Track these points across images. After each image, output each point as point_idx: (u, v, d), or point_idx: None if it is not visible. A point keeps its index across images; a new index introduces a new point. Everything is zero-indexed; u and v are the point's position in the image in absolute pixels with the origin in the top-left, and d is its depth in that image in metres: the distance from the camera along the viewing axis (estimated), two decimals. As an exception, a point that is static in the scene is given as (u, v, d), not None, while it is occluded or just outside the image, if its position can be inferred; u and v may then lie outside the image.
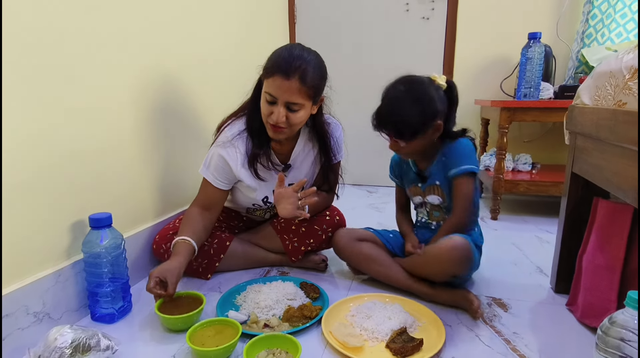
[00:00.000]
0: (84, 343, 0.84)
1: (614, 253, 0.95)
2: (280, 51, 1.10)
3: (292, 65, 1.05)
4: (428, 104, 1.07)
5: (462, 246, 1.03)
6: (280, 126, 1.10)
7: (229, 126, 1.20)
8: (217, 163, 1.18)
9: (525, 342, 0.95)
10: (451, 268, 1.05)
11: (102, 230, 1.01)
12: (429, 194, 1.22)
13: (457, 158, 1.12)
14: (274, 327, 0.98)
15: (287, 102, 1.07)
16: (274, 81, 1.06)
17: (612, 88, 0.89)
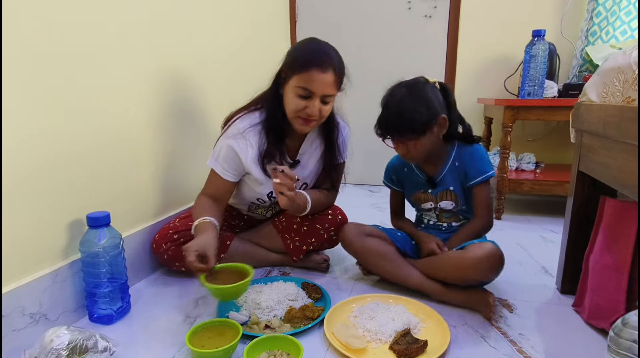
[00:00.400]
0: (80, 345, 0.82)
1: (621, 253, 0.93)
2: (307, 46, 1.13)
3: (327, 58, 1.09)
4: (430, 100, 1.09)
5: (496, 253, 1.04)
6: (314, 119, 1.12)
7: (239, 118, 1.18)
8: (226, 153, 1.16)
9: (532, 343, 0.93)
10: (484, 275, 1.05)
11: (100, 229, 0.99)
12: (442, 200, 1.21)
13: (477, 166, 1.14)
14: (275, 328, 0.96)
15: (324, 95, 1.10)
16: (311, 75, 1.07)
17: (621, 84, 0.87)
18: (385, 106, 1.13)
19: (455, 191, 1.18)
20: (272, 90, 1.18)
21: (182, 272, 1.26)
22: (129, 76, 1.15)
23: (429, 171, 1.21)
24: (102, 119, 1.07)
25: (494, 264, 1.04)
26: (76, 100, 0.99)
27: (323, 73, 1.07)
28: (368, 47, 2.37)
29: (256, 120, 1.18)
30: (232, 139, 1.15)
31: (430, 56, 2.30)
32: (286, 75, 1.13)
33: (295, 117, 1.14)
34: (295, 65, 1.10)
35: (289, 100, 1.12)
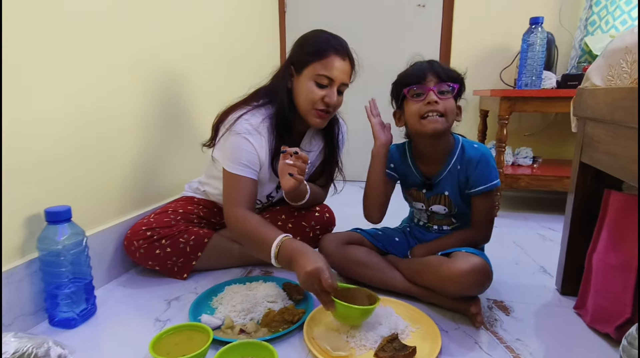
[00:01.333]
0: (29, 353, 0.74)
1: (628, 250, 0.85)
2: (322, 35, 1.10)
3: (344, 46, 1.09)
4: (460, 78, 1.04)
5: (482, 268, 0.92)
6: (330, 110, 1.09)
7: (248, 114, 1.09)
8: (247, 150, 1.07)
9: (530, 349, 0.86)
10: (468, 290, 0.94)
11: (60, 225, 0.90)
12: (434, 204, 1.12)
13: (482, 173, 1.03)
14: (250, 332, 0.88)
15: (341, 84, 1.09)
16: (331, 62, 1.05)
17: (629, 65, 0.79)
18: (419, 62, 1.04)
19: (450, 197, 1.09)
20: (281, 84, 1.11)
21: (156, 272, 1.17)
22: (100, 63, 1.06)
23: (427, 170, 1.11)
24: (64, 104, 0.98)
25: (478, 280, 0.92)
26: (35, 82, 0.90)
27: (342, 60, 1.07)
28: (359, 38, 2.28)
29: (264, 116, 1.11)
30: (248, 135, 1.07)
31: (423, 47, 2.22)
32: (301, 65, 1.07)
33: (310, 109, 1.08)
34: (312, 53, 1.05)
35: (306, 90, 1.06)
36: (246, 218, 1.00)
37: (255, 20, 2.07)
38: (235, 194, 1.06)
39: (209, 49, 1.61)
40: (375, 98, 1.15)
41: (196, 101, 1.52)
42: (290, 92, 1.11)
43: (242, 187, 1.06)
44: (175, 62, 1.40)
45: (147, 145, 1.28)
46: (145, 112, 1.26)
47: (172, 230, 1.14)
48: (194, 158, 1.51)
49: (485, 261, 0.94)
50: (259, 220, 1.00)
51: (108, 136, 1.12)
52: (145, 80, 1.25)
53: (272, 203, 1.28)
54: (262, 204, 1.26)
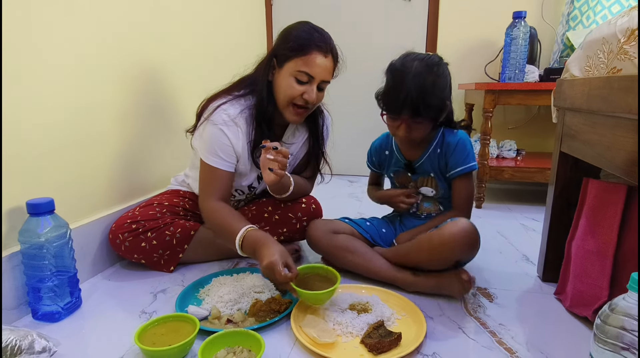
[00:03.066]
0: (12, 346, 0.73)
1: (605, 236, 0.88)
2: (305, 28, 1.07)
3: (329, 43, 1.06)
4: (446, 85, 1.01)
5: (471, 229, 0.97)
6: (309, 106, 1.08)
7: (226, 104, 1.09)
8: (221, 141, 1.07)
9: (512, 333, 0.88)
10: (459, 254, 0.97)
11: (43, 217, 0.89)
12: (422, 186, 1.14)
13: (459, 156, 1.06)
14: (237, 322, 0.88)
15: (322, 81, 1.07)
16: (312, 59, 1.03)
17: (605, 55, 0.81)
18: (399, 79, 0.98)
19: (436, 178, 1.12)
20: (262, 76, 1.10)
21: (142, 265, 1.17)
22: (83, 56, 1.05)
23: (409, 155, 1.14)
24: (47, 96, 0.96)
25: (469, 242, 0.96)
26: (17, 76, 0.88)
27: (324, 57, 1.04)
28: (345, 32, 2.29)
29: (244, 107, 1.10)
30: (224, 126, 1.07)
31: (409, 41, 2.23)
32: (282, 59, 1.06)
33: (288, 105, 1.07)
34: (294, 48, 1.04)
35: (285, 85, 1.06)
36: (217, 209, 1.04)
37: (241, 11, 2.05)
38: (209, 186, 1.08)
39: (193, 41, 1.60)
40: (361, 91, 1.16)
41: (182, 94, 1.51)
42: (270, 84, 1.10)
43: (216, 179, 1.08)
44: (160, 54, 1.38)
45: (132, 138, 1.26)
46: (131, 105, 1.24)
47: (157, 222, 1.13)
48: (180, 152, 1.50)
49: (472, 224, 0.98)
50: (228, 211, 1.04)
51: (93, 128, 1.11)
52: (130, 73, 1.23)
53: (255, 193, 1.28)
54: (245, 194, 1.26)
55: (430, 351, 0.82)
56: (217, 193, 1.07)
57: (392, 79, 1.01)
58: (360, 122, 2.37)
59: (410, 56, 1.01)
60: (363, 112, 2.32)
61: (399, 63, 1.01)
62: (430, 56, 1.01)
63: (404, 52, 1.04)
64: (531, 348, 0.83)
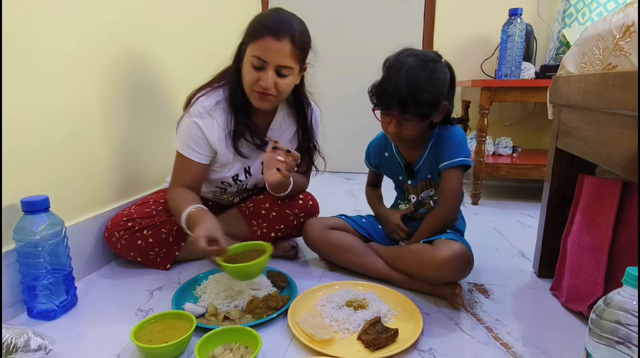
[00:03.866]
0: (8, 344, 0.73)
1: (601, 232, 0.88)
2: (266, 14, 1.04)
3: (283, 26, 1.00)
4: (442, 81, 0.98)
5: (464, 255, 0.94)
6: (269, 92, 1.03)
7: (203, 96, 1.09)
8: (194, 133, 1.08)
9: (508, 329, 0.88)
10: (450, 277, 0.96)
11: (38, 215, 0.89)
12: (422, 191, 1.14)
13: (450, 149, 1.04)
14: (234, 319, 0.88)
15: (278, 66, 1.02)
16: (264, 43, 0.99)
17: (601, 52, 0.81)
18: (391, 73, 0.97)
19: (433, 179, 1.11)
20: (234, 65, 1.10)
21: (138, 263, 1.16)
22: (77, 54, 1.04)
23: (408, 156, 1.13)
24: (42, 94, 0.96)
25: (460, 267, 0.94)
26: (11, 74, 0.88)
27: (278, 41, 0.99)
28: (342, 30, 2.28)
29: (221, 97, 1.10)
30: (198, 118, 1.07)
31: (406, 38, 2.23)
32: (245, 46, 1.05)
33: (251, 91, 1.06)
34: (250, 34, 1.02)
35: (245, 72, 1.05)
36: (176, 194, 1.07)
37: (236, 5, 2.04)
38: (178, 176, 1.12)
39: (188, 37, 1.59)
40: (357, 89, 1.15)
41: (177, 91, 1.50)
42: (240, 72, 1.09)
43: (186, 169, 1.10)
44: (155, 52, 1.37)
45: (128, 135, 1.26)
46: (127, 102, 1.23)
47: (153, 220, 1.13)
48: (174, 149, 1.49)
49: (467, 248, 0.96)
50: (183, 194, 1.06)
51: (88, 125, 1.10)
52: (125, 70, 1.22)
53: (245, 187, 1.27)
54: (236, 188, 1.25)
55: (427, 347, 0.82)
56: (181, 181, 1.10)
57: (386, 72, 0.99)
58: (357, 120, 2.37)
59: (406, 52, 1.00)
60: (359, 110, 2.32)
61: (394, 58, 1.00)
62: (427, 52, 1.00)
63: (401, 48, 1.02)
64: (527, 343, 0.83)
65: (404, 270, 1.03)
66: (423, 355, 0.80)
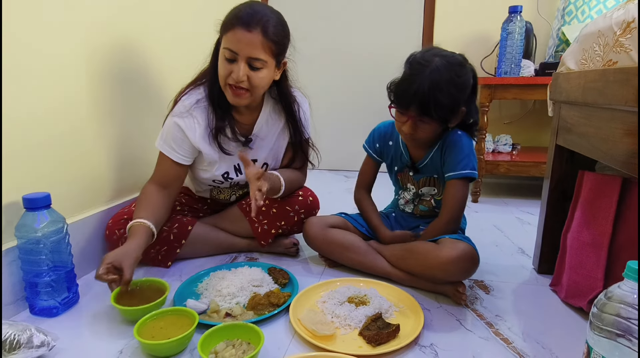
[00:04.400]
0: (11, 340, 0.73)
1: (600, 228, 0.88)
2: (240, 5, 1.01)
3: (254, 17, 0.97)
4: (465, 86, 0.96)
5: (471, 255, 0.94)
6: (242, 86, 1.01)
7: (185, 94, 1.09)
8: (174, 133, 1.07)
9: (509, 324, 0.89)
10: (453, 277, 0.96)
11: (39, 212, 0.89)
12: (424, 186, 1.14)
13: (457, 159, 1.02)
14: (236, 316, 0.88)
15: (249, 58, 0.99)
16: (234, 34, 0.97)
17: (601, 48, 0.82)
18: (416, 71, 0.94)
19: (439, 179, 1.11)
20: (212, 59, 1.09)
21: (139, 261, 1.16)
22: (77, 49, 1.04)
23: (414, 153, 1.12)
24: (44, 83, 0.96)
25: (466, 267, 0.94)
26: (12, 70, 0.87)
27: (248, 32, 0.96)
28: (341, 26, 2.28)
29: (201, 95, 1.10)
30: (179, 118, 1.07)
31: (406, 35, 2.23)
32: (219, 41, 1.04)
33: (225, 86, 1.04)
34: (223, 26, 1.01)
35: (219, 66, 1.03)
36: (142, 190, 1.09)
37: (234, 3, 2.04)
38: (156, 172, 1.12)
39: (185, 34, 1.59)
40: (357, 86, 1.14)
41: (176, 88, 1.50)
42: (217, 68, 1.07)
43: (163, 167, 1.11)
44: (153, 49, 1.37)
45: (129, 133, 1.26)
46: (126, 100, 1.24)
47: (154, 218, 1.13)
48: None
49: (472, 247, 0.96)
50: (145, 197, 1.07)
51: (89, 123, 1.10)
52: (126, 67, 1.22)
53: (239, 184, 1.26)
54: (225, 184, 1.23)
55: (428, 342, 0.82)
56: (156, 178, 1.11)
57: (409, 70, 0.97)
58: (357, 117, 2.37)
59: (433, 50, 0.97)
60: (359, 107, 2.32)
61: (419, 55, 0.97)
62: (454, 55, 0.97)
63: (427, 46, 1.00)
64: (527, 338, 0.84)
65: (408, 269, 1.03)
66: (424, 350, 0.80)
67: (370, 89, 2.26)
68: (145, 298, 0.91)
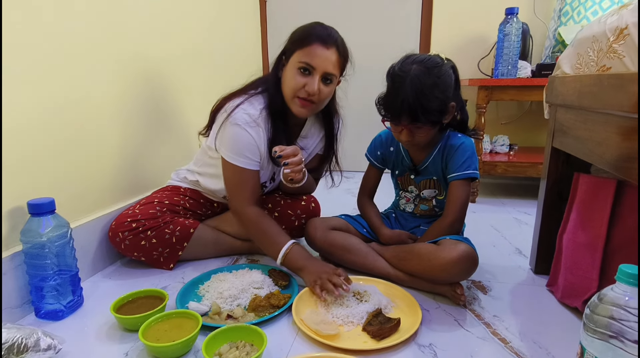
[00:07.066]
0: (19, 344, 0.74)
1: (595, 230, 0.90)
2: (311, 24, 1.09)
3: (331, 35, 1.07)
4: (448, 85, 0.98)
5: (470, 256, 0.95)
6: (312, 99, 1.07)
7: (245, 103, 1.10)
8: (250, 142, 1.08)
9: (506, 324, 0.91)
10: (456, 278, 0.98)
11: (44, 217, 0.90)
12: (425, 189, 1.16)
13: (460, 161, 1.06)
14: (238, 317, 0.90)
15: (324, 73, 1.06)
16: (313, 50, 1.04)
17: (595, 53, 0.83)
18: (398, 84, 0.97)
19: (438, 180, 1.14)
20: (273, 73, 1.13)
21: (142, 263, 1.18)
22: (79, 55, 1.05)
23: (415, 156, 1.15)
24: (45, 96, 0.97)
25: (466, 267, 0.96)
26: (15, 75, 0.89)
27: (326, 49, 1.05)
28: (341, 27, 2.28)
29: (262, 104, 1.12)
30: (248, 127, 1.08)
31: (404, 37, 2.25)
32: (288, 54, 1.08)
33: (293, 97, 1.08)
34: (297, 41, 1.06)
35: (289, 78, 1.07)
36: (258, 219, 1.08)
37: (235, 10, 2.05)
38: (240, 189, 1.10)
39: (189, 39, 1.60)
40: (356, 87, 1.16)
41: (177, 89, 1.51)
42: (280, 81, 1.12)
43: (246, 180, 1.10)
44: (154, 50, 1.38)
45: (130, 135, 1.27)
46: (126, 102, 1.25)
47: (157, 221, 1.14)
48: (177, 147, 1.51)
49: (472, 248, 0.98)
50: (262, 222, 1.08)
51: (90, 127, 1.11)
52: (126, 70, 1.24)
53: (264, 191, 1.30)
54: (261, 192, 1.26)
55: (427, 342, 0.84)
56: (251, 197, 1.10)
57: (391, 83, 1.00)
58: (356, 118, 2.38)
59: (410, 59, 0.99)
60: (359, 108, 2.34)
61: (398, 67, 1.00)
62: (431, 58, 0.99)
63: (404, 55, 1.02)
64: (524, 338, 0.85)
65: (409, 270, 1.05)
66: (423, 350, 0.82)
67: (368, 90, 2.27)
68: (145, 307, 0.92)
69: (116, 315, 0.88)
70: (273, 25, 2.34)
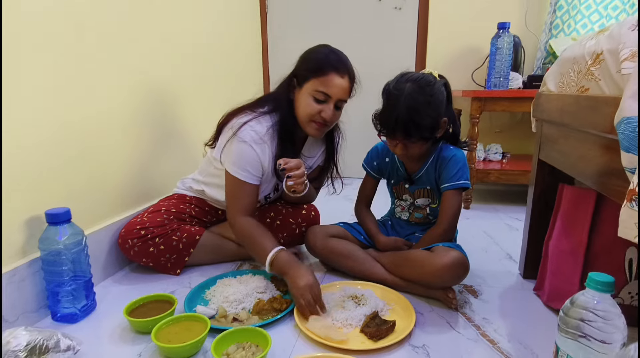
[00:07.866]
0: (40, 345, 0.80)
1: (577, 237, 0.97)
2: (324, 51, 1.14)
3: (344, 64, 1.13)
4: (440, 102, 1.05)
5: (462, 262, 1.02)
6: (328, 123, 1.15)
7: (253, 121, 1.15)
8: (252, 158, 1.14)
9: (495, 327, 0.97)
10: (448, 283, 1.04)
11: (61, 226, 0.96)
12: (419, 198, 1.22)
13: (452, 172, 1.12)
14: (243, 320, 0.96)
15: (338, 100, 1.13)
16: (330, 79, 1.10)
17: (575, 74, 0.90)
18: (392, 101, 1.03)
19: (432, 191, 1.20)
20: (283, 95, 1.18)
21: (150, 269, 1.23)
22: (90, 69, 1.11)
23: (409, 166, 1.21)
24: (60, 110, 1.03)
25: (457, 273, 1.02)
26: (30, 89, 0.95)
27: (341, 78, 1.11)
28: (338, 39, 2.34)
29: (270, 123, 1.17)
30: (254, 144, 1.13)
31: (400, 48, 2.32)
32: (302, 79, 1.14)
33: (309, 121, 1.15)
34: (313, 69, 1.11)
35: (304, 104, 1.13)
36: (249, 228, 1.12)
37: (236, 19, 2.12)
38: (237, 200, 1.15)
39: (190, 49, 1.66)
40: (353, 98, 1.21)
41: (182, 101, 1.57)
42: (291, 102, 1.18)
43: (245, 192, 1.15)
44: (161, 63, 1.44)
45: (138, 148, 1.33)
46: (134, 114, 1.31)
47: (165, 228, 1.20)
48: (182, 157, 1.57)
49: (464, 255, 1.04)
50: (254, 230, 1.12)
51: (102, 141, 1.17)
52: (135, 83, 1.29)
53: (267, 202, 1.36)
54: (261, 204, 1.34)
55: (421, 343, 0.90)
56: (247, 208, 1.15)
57: (386, 100, 1.06)
58: (352, 126, 2.44)
59: (404, 77, 1.05)
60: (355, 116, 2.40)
61: (392, 85, 1.06)
62: (424, 76, 1.05)
63: (399, 73, 1.08)
64: (512, 339, 0.92)
65: (404, 275, 1.11)
66: (417, 351, 0.88)
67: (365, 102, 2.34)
68: (155, 310, 0.97)
69: (129, 318, 0.93)
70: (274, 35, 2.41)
